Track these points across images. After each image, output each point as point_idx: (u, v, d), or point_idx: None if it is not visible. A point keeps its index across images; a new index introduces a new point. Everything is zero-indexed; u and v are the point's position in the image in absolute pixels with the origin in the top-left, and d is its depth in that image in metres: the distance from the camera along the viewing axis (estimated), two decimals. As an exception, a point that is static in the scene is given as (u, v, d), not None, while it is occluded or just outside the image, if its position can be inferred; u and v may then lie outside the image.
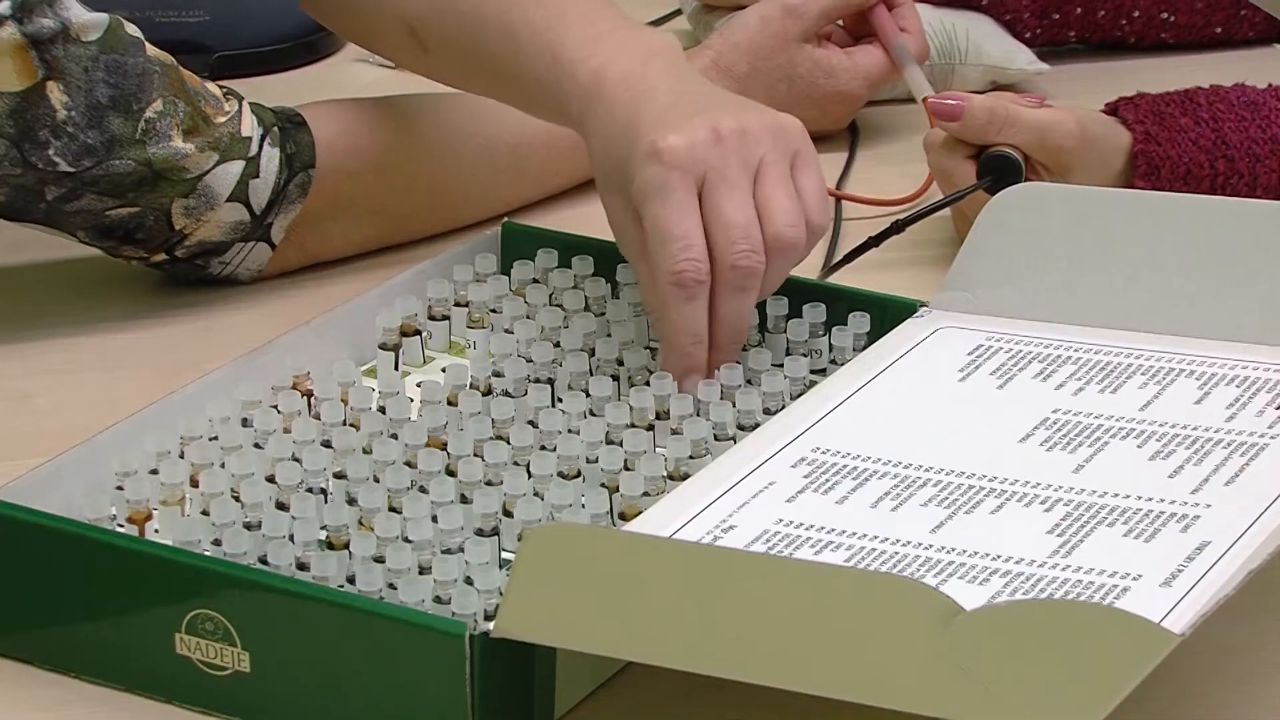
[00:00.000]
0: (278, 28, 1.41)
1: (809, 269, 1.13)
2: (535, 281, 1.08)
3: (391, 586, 0.84)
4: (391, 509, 0.88)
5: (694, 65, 1.24)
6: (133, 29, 1.08)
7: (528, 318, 1.04)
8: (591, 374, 0.99)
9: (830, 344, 1.02)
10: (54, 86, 1.04)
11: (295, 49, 1.40)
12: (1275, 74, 1.23)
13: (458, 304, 1.06)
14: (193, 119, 1.08)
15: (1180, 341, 0.96)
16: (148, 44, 1.08)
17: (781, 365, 1.00)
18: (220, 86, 1.12)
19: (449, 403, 0.96)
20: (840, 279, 1.12)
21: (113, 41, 1.06)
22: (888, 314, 1.02)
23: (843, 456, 0.90)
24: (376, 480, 0.90)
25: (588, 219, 1.19)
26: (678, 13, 1.44)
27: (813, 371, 1.00)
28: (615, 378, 0.99)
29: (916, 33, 1.29)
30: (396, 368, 1.02)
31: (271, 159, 1.11)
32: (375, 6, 1.13)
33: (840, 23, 1.30)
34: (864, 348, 1.00)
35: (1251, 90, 1.19)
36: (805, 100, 1.28)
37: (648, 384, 0.97)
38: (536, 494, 0.89)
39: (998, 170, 1.14)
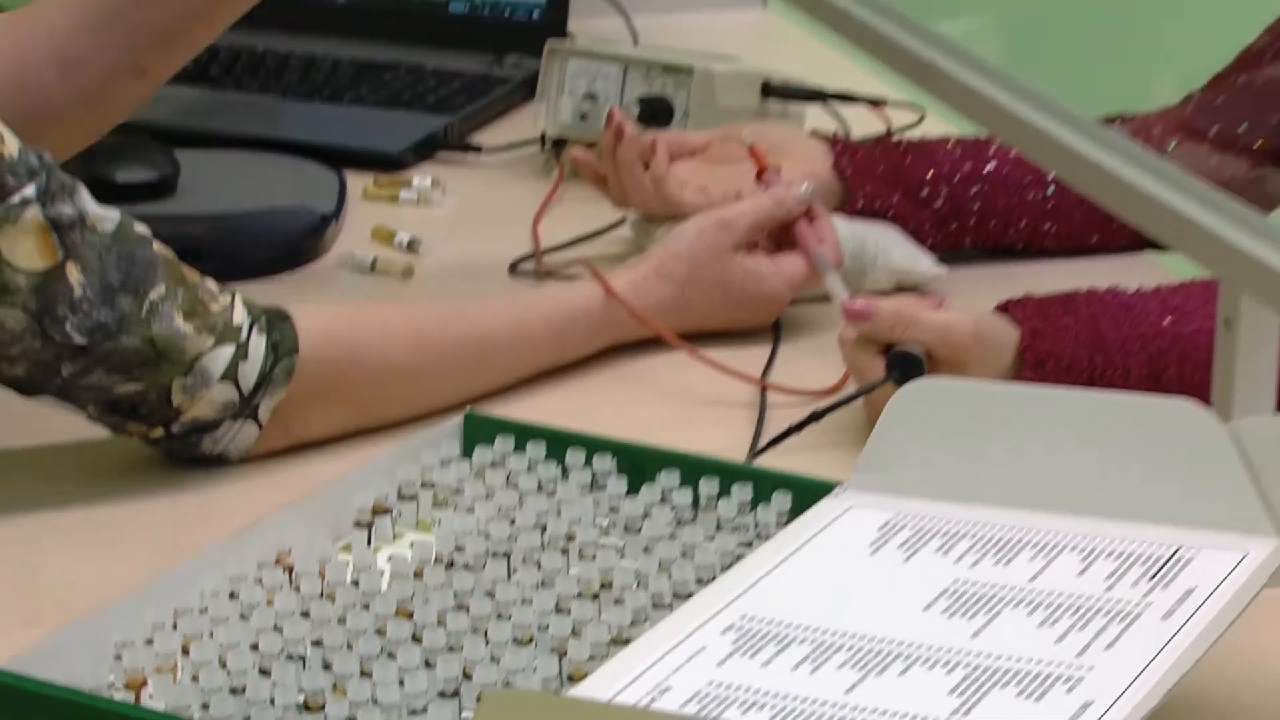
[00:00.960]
0: (265, 240, 1.43)
1: (737, 452, 1.16)
2: (494, 465, 1.09)
3: (363, 745, 0.84)
4: (363, 673, 0.89)
5: (639, 270, 1.29)
6: (141, 227, 1.11)
7: (487, 498, 1.05)
8: (543, 549, 1.00)
9: (756, 520, 1.03)
10: (72, 267, 1.07)
11: (282, 258, 1.42)
12: (1144, 277, 1.25)
13: (424, 485, 1.07)
14: (191, 304, 1.11)
15: (1064, 519, 0.97)
16: (154, 240, 1.11)
17: (713, 539, 1.01)
18: (215, 283, 1.14)
19: (416, 575, 0.97)
20: (765, 461, 1.14)
21: (123, 236, 1.09)
22: (807, 493, 1.02)
23: (767, 623, 0.90)
24: (350, 647, 0.91)
25: (543, 407, 1.21)
26: (622, 221, 1.47)
27: (740, 545, 1.01)
28: (565, 551, 1.00)
29: (832, 242, 1.32)
30: (369, 544, 1.03)
31: (259, 345, 1.14)
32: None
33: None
34: (786, 524, 1.01)
35: (1124, 293, 1.21)
36: (737, 302, 1.31)
37: (594, 558, 0.99)
38: (494, 658, 0.90)
39: (903, 365, 1.16)
